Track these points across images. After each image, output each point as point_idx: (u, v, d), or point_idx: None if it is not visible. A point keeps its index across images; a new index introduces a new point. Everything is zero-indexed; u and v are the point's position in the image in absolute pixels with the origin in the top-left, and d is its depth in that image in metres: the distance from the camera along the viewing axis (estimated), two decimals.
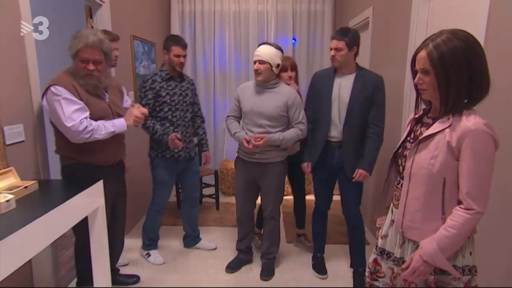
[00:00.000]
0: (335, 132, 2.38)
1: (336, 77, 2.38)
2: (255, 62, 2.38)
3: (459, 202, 1.19)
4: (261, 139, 2.33)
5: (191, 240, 3.08)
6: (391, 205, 1.45)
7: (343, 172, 2.40)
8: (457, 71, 1.14)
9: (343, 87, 2.34)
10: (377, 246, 1.50)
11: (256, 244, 3.06)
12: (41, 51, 2.16)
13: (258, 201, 2.72)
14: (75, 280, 2.37)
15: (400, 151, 1.40)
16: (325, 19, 4.61)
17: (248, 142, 2.37)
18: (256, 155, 2.46)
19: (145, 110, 2.14)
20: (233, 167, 2.84)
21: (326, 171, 2.48)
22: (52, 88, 1.89)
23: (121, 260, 2.64)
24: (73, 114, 1.89)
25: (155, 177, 2.81)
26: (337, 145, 2.39)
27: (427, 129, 1.27)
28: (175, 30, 4.53)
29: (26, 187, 1.69)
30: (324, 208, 2.65)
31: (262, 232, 2.99)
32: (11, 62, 1.90)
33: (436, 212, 1.22)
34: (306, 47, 4.69)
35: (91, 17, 2.78)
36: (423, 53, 1.19)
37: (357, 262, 2.54)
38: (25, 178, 1.81)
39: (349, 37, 2.21)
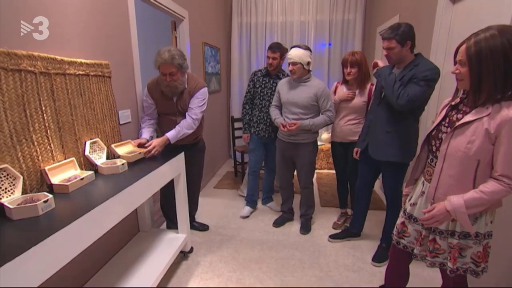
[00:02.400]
0: None
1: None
2: (289, 64, 2.32)
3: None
4: (294, 125, 2.30)
5: (265, 198, 3.14)
6: (423, 179, 1.34)
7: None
8: (491, 68, 1.00)
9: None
10: (405, 211, 1.40)
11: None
12: (142, 56, 2.25)
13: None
14: (165, 223, 2.54)
15: (433, 133, 1.26)
16: (356, 26, 4.36)
17: (284, 126, 2.34)
18: (291, 137, 2.43)
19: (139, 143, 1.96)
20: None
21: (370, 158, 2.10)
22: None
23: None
24: (143, 109, 2.15)
25: (248, 146, 2.92)
26: None
27: (463, 116, 1.14)
28: (235, 37, 4.53)
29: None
30: (362, 188, 2.30)
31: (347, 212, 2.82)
32: (123, 69, 2.00)
33: (467, 188, 1.13)
34: (339, 50, 4.48)
35: (175, 29, 2.85)
36: (463, 46, 1.06)
37: (385, 238, 2.20)
38: None
39: (399, 33, 1.75)
